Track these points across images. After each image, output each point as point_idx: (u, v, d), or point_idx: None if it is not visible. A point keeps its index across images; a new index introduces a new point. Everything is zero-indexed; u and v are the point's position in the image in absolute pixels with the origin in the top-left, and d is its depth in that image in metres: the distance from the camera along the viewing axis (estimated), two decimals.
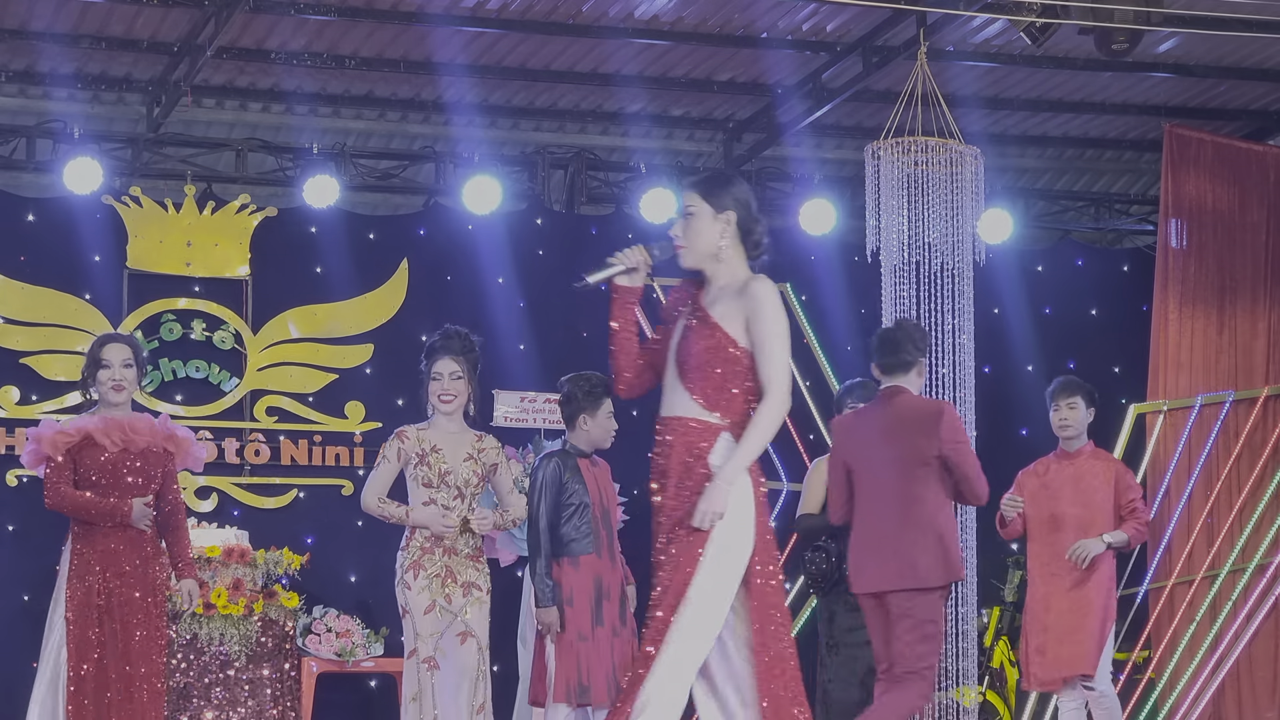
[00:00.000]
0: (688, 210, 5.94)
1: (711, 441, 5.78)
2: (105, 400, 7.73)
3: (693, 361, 5.82)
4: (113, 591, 7.59)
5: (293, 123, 11.63)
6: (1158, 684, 11.44)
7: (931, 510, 7.56)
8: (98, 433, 7.64)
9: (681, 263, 5.96)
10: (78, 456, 7.64)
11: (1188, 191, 11.96)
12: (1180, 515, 11.64)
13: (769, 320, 5.82)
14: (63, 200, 11.13)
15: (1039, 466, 9.04)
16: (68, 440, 7.65)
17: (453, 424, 7.74)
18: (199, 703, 10.04)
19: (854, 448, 7.78)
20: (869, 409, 7.92)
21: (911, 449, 7.58)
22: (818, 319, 12.03)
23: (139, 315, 11.29)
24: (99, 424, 7.67)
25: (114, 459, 7.66)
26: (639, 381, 6.00)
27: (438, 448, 7.67)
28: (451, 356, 7.73)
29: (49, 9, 10.19)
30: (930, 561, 7.51)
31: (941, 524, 7.57)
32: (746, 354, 5.81)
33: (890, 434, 7.64)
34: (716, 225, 5.92)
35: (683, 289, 6.01)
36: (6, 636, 10.82)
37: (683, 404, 5.83)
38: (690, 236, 5.93)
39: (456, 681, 7.53)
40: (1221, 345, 11.92)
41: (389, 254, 11.72)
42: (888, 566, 7.55)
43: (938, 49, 10.46)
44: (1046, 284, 12.82)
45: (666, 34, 10.66)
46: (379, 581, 10.32)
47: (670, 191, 11.82)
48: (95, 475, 7.63)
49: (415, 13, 10.26)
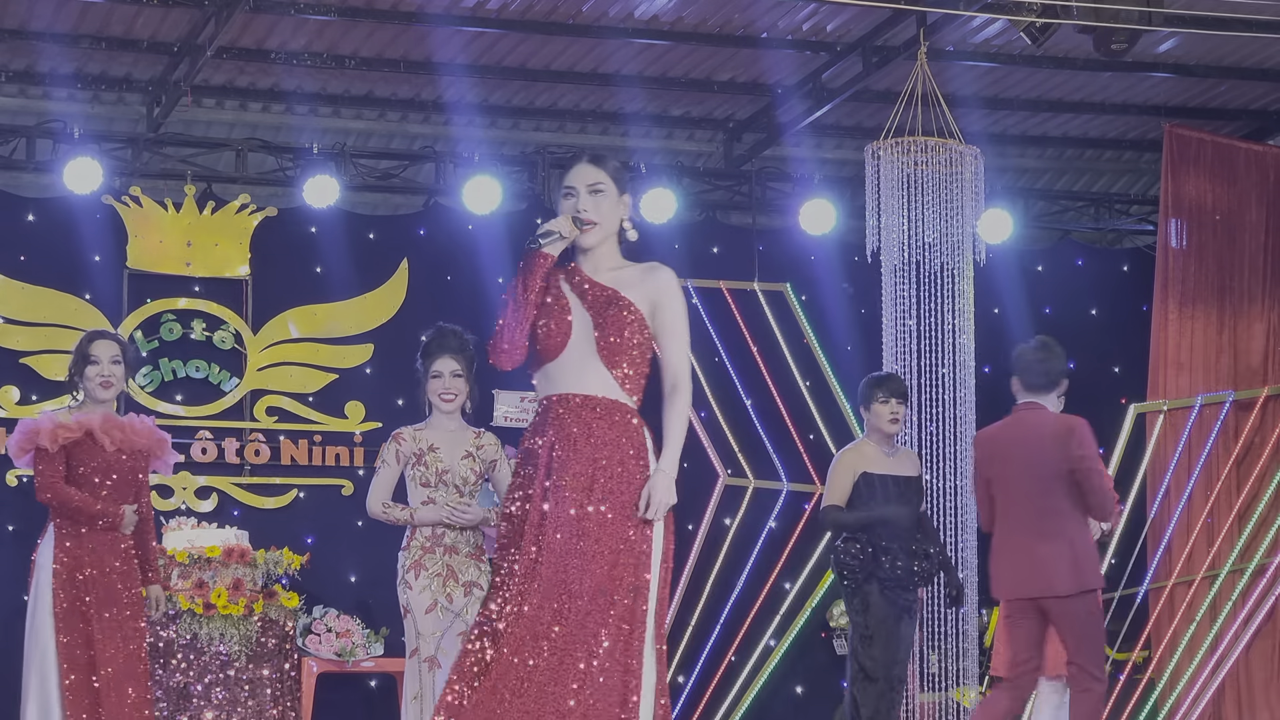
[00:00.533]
0: (598, 187, 5.79)
1: (639, 427, 5.64)
2: (92, 396, 7.72)
3: (618, 341, 5.63)
4: (99, 589, 7.58)
5: (293, 123, 11.63)
6: (1158, 684, 11.44)
7: (1064, 522, 7.92)
8: (98, 430, 7.64)
9: (585, 241, 5.75)
10: (72, 451, 7.63)
11: (1188, 191, 11.96)
12: (1180, 515, 11.64)
13: (679, 308, 5.74)
14: (63, 200, 11.13)
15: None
16: (68, 435, 7.63)
17: (451, 422, 7.74)
18: (199, 703, 10.04)
19: (993, 462, 8.14)
20: (1006, 425, 8.26)
21: (1044, 463, 7.95)
22: (818, 319, 12.03)
23: (139, 315, 11.29)
24: (100, 421, 7.66)
25: (110, 458, 7.66)
26: (523, 354, 5.73)
27: (435, 447, 7.66)
28: (450, 355, 7.72)
29: (49, 9, 10.19)
30: (1062, 570, 7.88)
31: (1073, 534, 7.92)
32: (650, 338, 5.71)
33: (1026, 449, 8.02)
34: (620, 206, 5.84)
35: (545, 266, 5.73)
36: (6, 636, 10.82)
37: (600, 383, 5.62)
38: (602, 214, 5.78)
39: None
40: (1221, 345, 11.92)
41: (389, 254, 11.72)
42: (1021, 574, 7.97)
43: (938, 49, 10.46)
44: (1046, 284, 12.82)
45: (666, 34, 10.66)
46: (379, 581, 10.34)
47: (670, 191, 11.83)
48: (88, 472, 7.63)
49: (415, 13, 10.26)
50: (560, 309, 5.69)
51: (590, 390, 5.62)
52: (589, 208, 5.76)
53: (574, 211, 5.75)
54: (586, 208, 5.76)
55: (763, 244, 12.30)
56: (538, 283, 5.69)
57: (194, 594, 10.14)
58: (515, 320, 5.65)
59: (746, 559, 11.79)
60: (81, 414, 7.73)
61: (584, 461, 5.56)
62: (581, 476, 5.56)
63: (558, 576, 5.49)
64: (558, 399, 5.65)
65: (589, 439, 5.58)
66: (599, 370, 5.64)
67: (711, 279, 11.94)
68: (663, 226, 11.93)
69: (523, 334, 5.68)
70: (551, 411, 5.64)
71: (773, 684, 11.77)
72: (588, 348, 5.65)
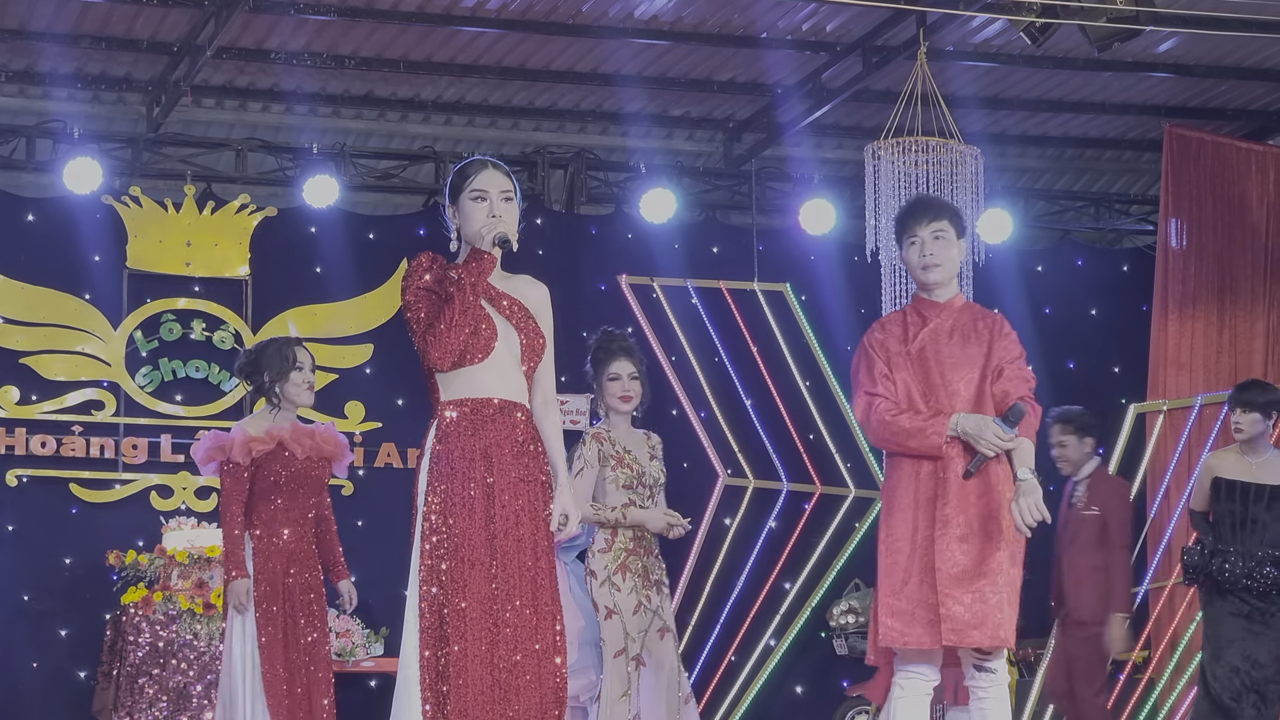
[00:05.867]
0: (509, 194, 5.82)
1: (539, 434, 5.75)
2: (294, 401, 7.92)
3: (535, 348, 5.76)
4: (290, 591, 7.80)
5: (293, 123, 11.63)
6: (1158, 684, 11.44)
7: None
8: (290, 440, 7.83)
9: (501, 246, 5.74)
10: (262, 461, 7.80)
11: (1188, 191, 11.96)
12: (1180, 515, 11.62)
13: (551, 322, 5.84)
14: (63, 200, 11.13)
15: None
16: (261, 447, 7.81)
17: (626, 423, 7.82)
18: (199, 703, 10.03)
19: None
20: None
21: None
22: (818, 319, 12.03)
23: (139, 315, 11.29)
24: (290, 432, 7.85)
25: (300, 466, 7.86)
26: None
27: (629, 449, 7.75)
28: (626, 357, 7.81)
29: (49, 9, 10.19)
30: None
31: None
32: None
33: None
34: (518, 214, 5.87)
35: (449, 266, 5.78)
36: (7, 636, 10.83)
37: (520, 389, 5.74)
38: (512, 222, 5.78)
39: (657, 675, 7.67)
40: (1221, 345, 11.91)
41: (389, 254, 11.71)
42: None
43: (937, 49, 10.46)
44: (1046, 284, 12.82)
45: (666, 34, 10.67)
46: (379, 582, 10.35)
47: (670, 191, 11.83)
48: (279, 480, 7.81)
49: (415, 13, 10.26)
50: (477, 311, 5.73)
51: (512, 395, 5.75)
52: (502, 213, 5.79)
53: (488, 214, 5.76)
54: (500, 213, 5.78)
55: (763, 244, 12.30)
56: (482, 284, 5.73)
57: (194, 594, 10.13)
58: (463, 321, 5.65)
59: (746, 559, 11.79)
60: (274, 425, 7.89)
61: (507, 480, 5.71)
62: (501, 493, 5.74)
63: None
64: (485, 404, 5.72)
65: (511, 443, 5.72)
66: (517, 374, 5.76)
67: (711, 279, 11.94)
68: (663, 226, 11.94)
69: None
70: (488, 416, 5.74)
71: (773, 684, 11.76)
72: (512, 350, 5.75)
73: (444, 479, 5.62)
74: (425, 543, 5.58)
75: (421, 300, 5.70)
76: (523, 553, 5.62)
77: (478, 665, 5.51)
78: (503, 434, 5.66)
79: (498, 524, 5.60)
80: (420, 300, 5.70)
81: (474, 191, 5.80)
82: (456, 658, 5.49)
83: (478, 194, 5.80)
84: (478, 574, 5.55)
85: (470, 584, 5.54)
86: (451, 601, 5.51)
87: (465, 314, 5.62)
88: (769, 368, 11.84)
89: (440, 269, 5.76)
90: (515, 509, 5.63)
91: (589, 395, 11.65)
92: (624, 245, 12.09)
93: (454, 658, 5.49)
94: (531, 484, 5.67)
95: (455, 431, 5.65)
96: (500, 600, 5.56)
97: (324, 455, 7.93)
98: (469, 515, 5.59)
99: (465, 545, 5.57)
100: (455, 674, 5.48)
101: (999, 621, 6.14)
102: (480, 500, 5.61)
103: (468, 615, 5.52)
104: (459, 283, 5.64)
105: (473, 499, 5.60)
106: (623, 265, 11.85)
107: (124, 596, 10.25)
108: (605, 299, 11.77)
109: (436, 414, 5.72)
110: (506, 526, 5.61)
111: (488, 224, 5.72)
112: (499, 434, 5.66)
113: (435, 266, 5.76)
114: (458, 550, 5.56)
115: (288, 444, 7.83)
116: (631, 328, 11.20)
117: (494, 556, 5.58)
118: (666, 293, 11.79)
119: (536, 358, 5.77)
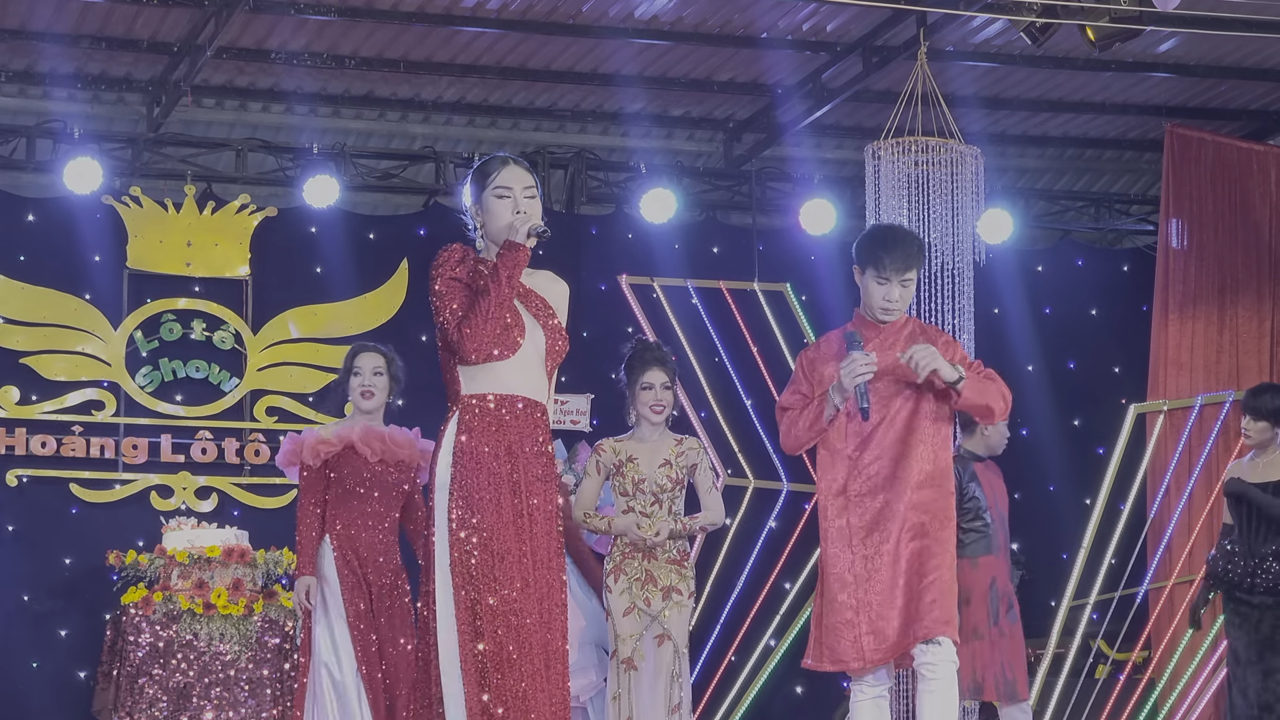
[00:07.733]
0: (532, 190, 5.78)
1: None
2: (357, 407, 8.01)
3: (558, 348, 5.78)
4: (375, 593, 7.89)
5: (293, 123, 11.63)
6: (1158, 684, 11.43)
7: None
8: (359, 442, 7.90)
9: (539, 237, 5.72)
10: (335, 464, 7.90)
11: (1188, 191, 11.96)
12: (1180, 515, 11.63)
13: (565, 319, 5.87)
14: (63, 200, 11.14)
15: None
16: (329, 449, 7.91)
17: (655, 432, 7.90)
18: (199, 703, 10.03)
19: None
20: None
21: None
22: (818, 319, 12.02)
23: (139, 315, 11.29)
24: (360, 433, 7.92)
25: (374, 469, 7.91)
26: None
27: (633, 458, 7.85)
28: (659, 367, 7.88)
29: (49, 9, 10.19)
30: None
31: None
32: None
33: None
34: (540, 210, 5.85)
35: (480, 261, 5.73)
36: (6, 636, 10.83)
37: (542, 388, 5.75)
38: (536, 217, 5.74)
39: (652, 682, 7.75)
40: (1221, 345, 11.91)
41: (389, 254, 11.72)
42: None
43: (938, 49, 10.46)
44: (1046, 284, 12.82)
45: (666, 34, 10.67)
46: None
47: (670, 191, 11.83)
48: (353, 483, 7.90)
49: (415, 13, 10.26)
50: (509, 307, 5.72)
51: (536, 395, 5.75)
52: (530, 209, 5.75)
53: (514, 210, 5.73)
54: (528, 209, 5.75)
55: (763, 244, 12.30)
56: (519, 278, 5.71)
57: (194, 594, 10.14)
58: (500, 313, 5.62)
59: (746, 559, 11.79)
60: (343, 427, 7.98)
61: (530, 478, 5.73)
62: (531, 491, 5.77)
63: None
64: (519, 400, 5.73)
65: (533, 442, 5.74)
66: (541, 373, 5.76)
67: (711, 279, 11.93)
68: (663, 226, 11.94)
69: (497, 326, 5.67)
70: (517, 413, 5.76)
71: (773, 684, 11.76)
72: (540, 350, 5.76)
73: (470, 473, 5.61)
74: (452, 537, 5.58)
75: (454, 291, 5.66)
76: (538, 550, 5.64)
77: (517, 657, 5.53)
78: (525, 432, 5.66)
79: (523, 520, 5.63)
80: (452, 291, 5.66)
81: (498, 189, 5.75)
82: (492, 654, 5.51)
83: (502, 191, 5.75)
84: (507, 567, 5.56)
85: (500, 578, 5.55)
86: (482, 597, 5.52)
87: (501, 306, 5.60)
88: (769, 368, 11.83)
89: (474, 261, 5.74)
90: (532, 506, 5.65)
91: (589, 395, 11.74)
92: (624, 245, 12.10)
93: (489, 655, 5.51)
94: (548, 483, 5.71)
95: (480, 425, 5.63)
96: (527, 595, 5.58)
97: (399, 459, 7.97)
98: (496, 510, 5.59)
99: (495, 540, 5.57)
100: (494, 669, 5.50)
101: (935, 616, 6.25)
102: (507, 496, 5.62)
103: (498, 611, 5.53)
104: (495, 275, 5.61)
105: (500, 494, 5.61)
106: (623, 265, 11.85)
107: (124, 596, 10.25)
108: (605, 299, 11.77)
109: (458, 406, 5.67)
110: (528, 523, 5.63)
111: (519, 217, 5.70)
112: (522, 431, 5.66)
113: (468, 258, 5.73)
114: (488, 545, 5.57)
115: (358, 446, 7.91)
116: (632, 328, 11.26)
117: (521, 552, 5.60)
118: (667, 293, 11.79)
119: (558, 357, 5.78)
